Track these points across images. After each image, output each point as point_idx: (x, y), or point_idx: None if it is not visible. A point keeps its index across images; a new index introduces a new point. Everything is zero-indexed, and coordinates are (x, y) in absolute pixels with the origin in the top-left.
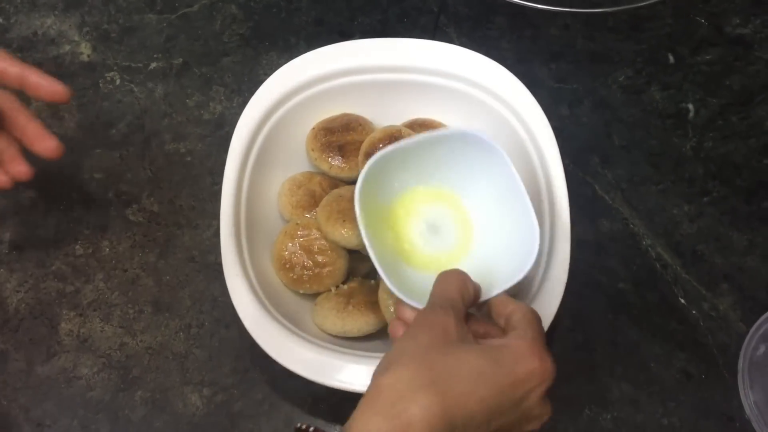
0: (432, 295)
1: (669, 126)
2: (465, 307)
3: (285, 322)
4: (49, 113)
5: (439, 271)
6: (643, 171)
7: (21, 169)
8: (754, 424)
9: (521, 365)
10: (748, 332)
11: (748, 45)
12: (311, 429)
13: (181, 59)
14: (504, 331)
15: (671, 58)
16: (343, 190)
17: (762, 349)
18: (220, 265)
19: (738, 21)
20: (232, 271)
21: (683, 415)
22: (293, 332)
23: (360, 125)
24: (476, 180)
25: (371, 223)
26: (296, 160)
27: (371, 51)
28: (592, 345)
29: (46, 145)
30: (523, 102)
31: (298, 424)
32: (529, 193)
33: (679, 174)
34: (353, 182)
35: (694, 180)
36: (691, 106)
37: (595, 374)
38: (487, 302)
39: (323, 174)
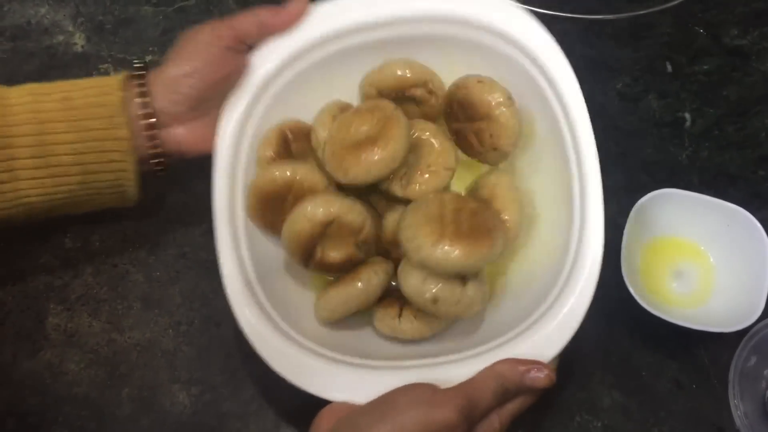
0: (462, 391)
1: (665, 135)
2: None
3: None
4: None
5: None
6: (638, 179)
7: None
8: None
9: None
10: (739, 343)
11: (745, 56)
12: None
13: None
14: None
15: (669, 67)
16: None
17: (753, 360)
18: (211, 262)
19: (736, 32)
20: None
21: (674, 424)
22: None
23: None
24: (722, 237)
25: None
26: None
27: (372, 4)
28: (583, 352)
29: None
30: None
31: None
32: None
33: (675, 183)
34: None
35: (690, 189)
36: (687, 116)
37: (586, 382)
38: None
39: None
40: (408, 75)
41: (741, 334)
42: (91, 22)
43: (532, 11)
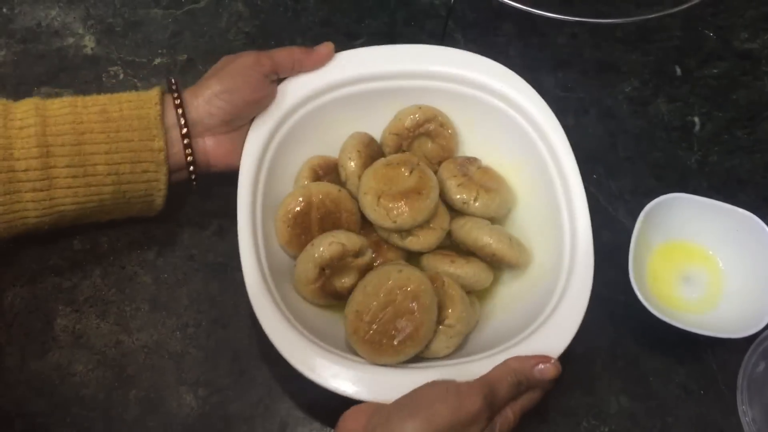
0: (484, 381)
1: (674, 138)
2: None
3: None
4: None
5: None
6: (647, 183)
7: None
8: None
9: None
10: (748, 349)
11: (755, 60)
12: None
13: (185, 55)
14: None
15: (678, 71)
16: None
17: (762, 366)
18: (219, 264)
19: (746, 35)
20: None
21: (681, 430)
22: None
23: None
24: (731, 243)
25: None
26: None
27: (387, 57)
28: (591, 357)
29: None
30: (540, 114)
31: None
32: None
33: (683, 187)
34: None
35: (698, 194)
36: (696, 120)
37: (593, 387)
38: None
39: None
40: (418, 116)
41: (750, 339)
42: (101, 25)
43: (542, 16)
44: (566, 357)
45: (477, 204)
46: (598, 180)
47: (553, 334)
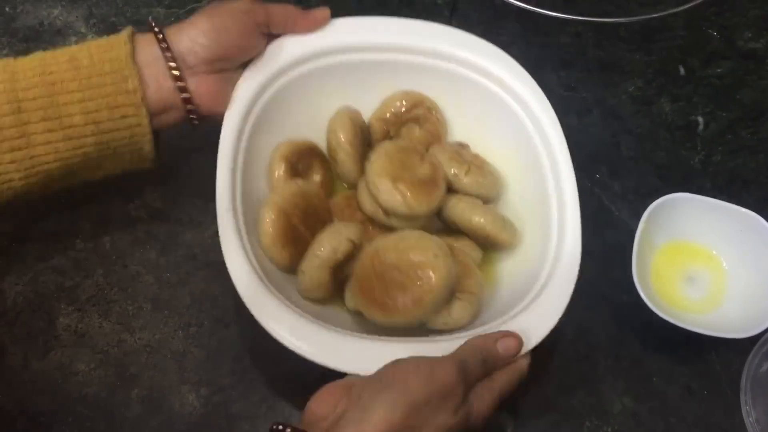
0: (456, 355)
1: (678, 138)
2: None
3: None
4: None
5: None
6: (650, 183)
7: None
8: None
9: None
10: (751, 349)
11: (759, 59)
12: (288, 430)
13: None
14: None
15: (682, 70)
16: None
17: (765, 366)
18: (221, 263)
19: (750, 35)
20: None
21: (684, 430)
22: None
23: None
24: (735, 243)
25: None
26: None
27: (385, 28)
28: (594, 357)
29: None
30: (537, 106)
31: (274, 426)
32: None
33: (687, 187)
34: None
35: (702, 193)
36: (700, 119)
37: (596, 387)
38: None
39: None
40: (404, 102)
41: (753, 340)
42: (104, 24)
43: (545, 15)
44: (569, 358)
45: (467, 179)
46: (601, 180)
47: (536, 317)
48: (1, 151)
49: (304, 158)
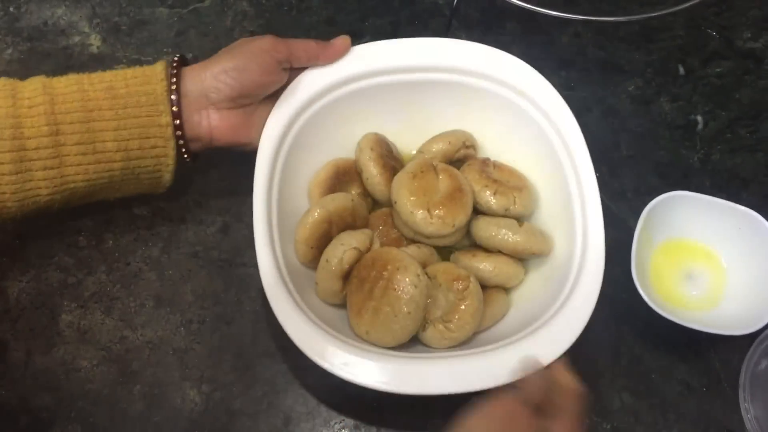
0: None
1: (677, 137)
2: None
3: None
4: None
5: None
6: (649, 181)
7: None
8: None
9: None
10: (750, 346)
11: (758, 59)
12: None
13: (190, 54)
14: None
15: (681, 70)
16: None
17: (764, 363)
18: (223, 261)
19: (749, 35)
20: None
21: (683, 427)
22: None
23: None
24: (733, 240)
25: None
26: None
27: (405, 50)
28: (594, 354)
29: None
30: (553, 104)
31: None
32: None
33: (686, 186)
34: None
35: (701, 192)
36: (699, 118)
37: (596, 384)
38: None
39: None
40: (450, 144)
41: (752, 337)
42: (107, 23)
43: (545, 14)
44: (569, 355)
45: (516, 207)
46: (601, 178)
47: (559, 330)
48: (35, 168)
49: (344, 177)
